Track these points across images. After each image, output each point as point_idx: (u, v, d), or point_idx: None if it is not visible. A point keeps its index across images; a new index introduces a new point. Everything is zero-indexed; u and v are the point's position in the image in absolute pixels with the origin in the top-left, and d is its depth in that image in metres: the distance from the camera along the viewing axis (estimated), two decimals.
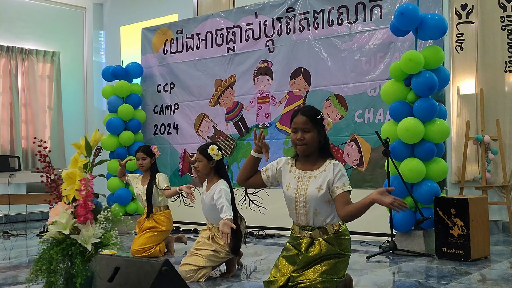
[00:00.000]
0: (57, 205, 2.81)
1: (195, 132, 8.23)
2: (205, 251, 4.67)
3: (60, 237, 2.75)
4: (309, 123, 3.39)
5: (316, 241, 3.40)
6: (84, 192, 2.68)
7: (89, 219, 2.74)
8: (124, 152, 8.22)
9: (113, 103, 8.36)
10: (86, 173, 2.75)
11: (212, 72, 8.09)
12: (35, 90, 10.14)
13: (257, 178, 3.64)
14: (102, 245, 2.77)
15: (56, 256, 2.70)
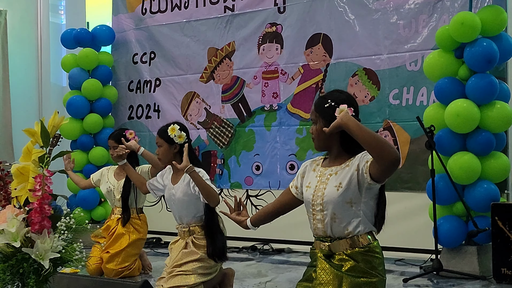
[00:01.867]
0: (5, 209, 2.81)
1: (182, 115, 8.24)
2: (189, 265, 4.73)
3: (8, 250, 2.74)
4: (314, 113, 3.45)
5: (336, 255, 3.40)
6: (40, 193, 2.68)
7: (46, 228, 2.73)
8: (89, 141, 8.24)
9: (75, 78, 8.37)
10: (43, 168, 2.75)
11: (205, 38, 8.09)
12: None
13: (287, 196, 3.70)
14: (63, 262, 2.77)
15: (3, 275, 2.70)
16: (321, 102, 3.44)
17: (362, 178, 3.29)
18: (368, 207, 3.37)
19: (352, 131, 3.16)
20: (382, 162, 3.13)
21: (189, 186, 4.76)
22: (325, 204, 3.38)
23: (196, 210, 4.78)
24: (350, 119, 3.18)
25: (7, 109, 10.41)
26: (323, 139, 3.43)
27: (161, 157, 4.87)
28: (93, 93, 8.28)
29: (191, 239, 4.81)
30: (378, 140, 3.12)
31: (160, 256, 7.12)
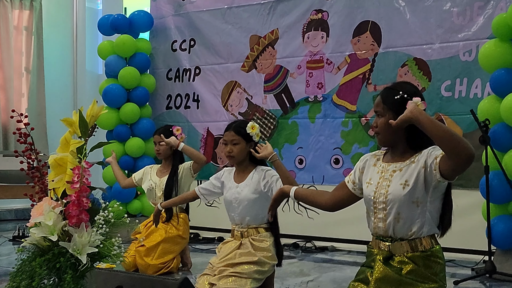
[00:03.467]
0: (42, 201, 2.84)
1: (222, 106, 8.26)
2: (245, 267, 4.68)
3: (45, 244, 2.78)
4: (381, 105, 3.37)
5: (396, 257, 3.37)
6: (78, 185, 2.71)
7: (83, 221, 2.76)
8: (126, 132, 8.30)
9: (112, 66, 8.43)
10: (81, 159, 2.78)
11: (247, 26, 8.09)
12: (9, 46, 10.27)
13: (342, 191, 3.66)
14: (101, 257, 2.80)
15: (39, 269, 2.73)
16: (390, 93, 3.37)
17: (430, 175, 3.25)
18: (434, 208, 3.32)
19: (424, 126, 3.10)
20: (456, 158, 3.08)
21: (259, 184, 4.74)
22: (388, 203, 3.34)
23: (262, 210, 4.75)
24: (421, 113, 3.12)
25: (41, 97, 10.54)
26: (389, 134, 3.37)
27: (236, 155, 4.82)
28: (130, 81, 8.33)
29: (248, 240, 4.79)
30: (452, 135, 3.07)
31: (198, 252, 7.16)
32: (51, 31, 10.81)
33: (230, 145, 4.82)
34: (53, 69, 10.80)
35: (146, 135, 8.35)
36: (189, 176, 6.16)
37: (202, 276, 4.82)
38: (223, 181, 4.98)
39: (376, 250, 3.45)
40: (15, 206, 10.32)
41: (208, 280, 4.73)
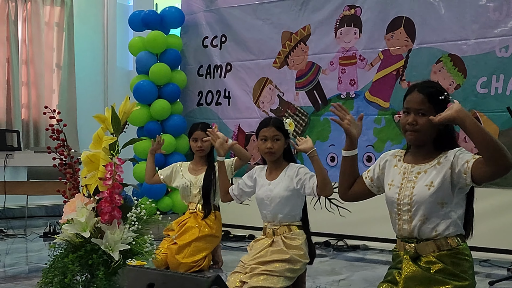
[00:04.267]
0: (74, 198, 2.87)
1: (254, 103, 8.27)
2: (277, 266, 4.68)
3: (77, 240, 2.80)
4: (427, 104, 3.34)
5: (423, 258, 3.36)
6: (111, 181, 2.73)
7: (116, 218, 2.78)
8: (157, 128, 8.34)
9: (143, 62, 8.47)
10: (113, 156, 2.80)
11: (278, 22, 8.08)
12: (40, 42, 10.37)
13: (359, 185, 3.67)
14: (133, 254, 2.82)
15: (71, 266, 2.76)
16: (435, 92, 3.36)
17: (458, 178, 3.24)
18: (459, 208, 3.33)
19: (469, 129, 3.08)
20: (494, 165, 3.07)
21: (292, 181, 4.75)
22: (414, 204, 3.34)
23: (294, 208, 4.77)
24: (467, 115, 3.10)
25: (72, 93, 10.65)
26: (429, 133, 3.36)
27: (276, 151, 4.82)
28: (161, 78, 8.37)
29: (280, 237, 4.79)
30: (496, 142, 3.06)
31: (228, 250, 7.18)
32: (82, 27, 10.91)
33: (270, 141, 4.80)
34: (84, 65, 10.89)
35: (177, 131, 8.39)
36: (229, 173, 6.15)
37: (233, 274, 4.84)
38: (255, 178, 4.99)
39: (402, 252, 3.45)
40: (45, 203, 10.43)
41: (239, 278, 4.74)
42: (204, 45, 8.76)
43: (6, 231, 8.40)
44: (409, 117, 3.38)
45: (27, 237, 8.16)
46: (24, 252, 7.38)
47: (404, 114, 3.42)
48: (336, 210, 7.12)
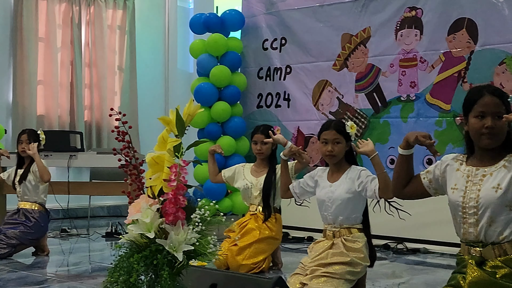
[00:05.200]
0: (139, 199, 2.92)
1: (313, 105, 8.25)
2: (337, 268, 4.67)
3: (142, 241, 2.85)
4: (502, 106, 3.32)
5: (488, 262, 3.32)
6: (175, 183, 2.77)
7: (180, 219, 2.82)
8: (217, 130, 8.39)
9: (204, 64, 8.53)
10: (178, 158, 2.83)
11: (338, 24, 8.05)
12: (103, 45, 10.54)
13: (416, 185, 3.64)
14: (196, 255, 2.86)
15: (137, 265, 2.81)
16: (505, 95, 3.33)
17: None
18: None
19: None
20: None
21: (353, 183, 4.75)
22: (480, 207, 3.30)
23: (355, 210, 4.76)
24: None
25: (133, 95, 10.80)
26: (503, 135, 3.34)
27: (337, 153, 4.84)
28: (222, 80, 8.41)
29: (340, 240, 4.79)
30: None
31: (288, 251, 7.18)
32: (144, 30, 11.05)
33: (331, 144, 4.81)
34: (145, 68, 11.03)
35: (237, 133, 8.42)
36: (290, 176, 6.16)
37: (293, 275, 4.84)
38: (316, 180, 5.00)
39: (466, 256, 3.40)
40: (107, 203, 10.60)
41: (299, 279, 4.74)
42: (264, 47, 8.78)
43: (70, 231, 8.55)
44: (485, 121, 3.31)
45: (90, 237, 8.29)
46: (87, 252, 7.50)
47: (477, 119, 3.36)
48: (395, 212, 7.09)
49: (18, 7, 9.79)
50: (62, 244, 7.86)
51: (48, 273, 6.17)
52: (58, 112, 10.14)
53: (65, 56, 10.25)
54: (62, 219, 9.26)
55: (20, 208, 6.88)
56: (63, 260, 6.99)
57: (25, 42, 9.83)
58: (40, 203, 6.92)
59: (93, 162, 8.68)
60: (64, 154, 8.32)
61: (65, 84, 10.23)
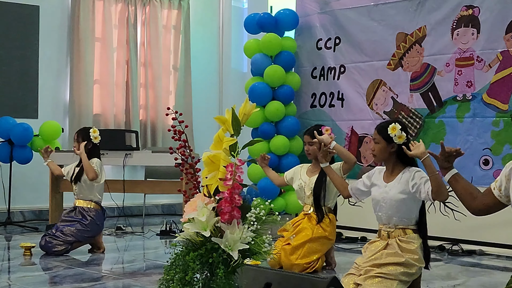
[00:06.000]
0: (195, 197, 2.93)
1: (367, 105, 8.20)
2: (391, 268, 4.65)
3: (198, 239, 2.87)
4: None
5: None
6: (231, 182, 2.78)
7: (235, 218, 2.83)
8: (271, 130, 8.39)
9: (258, 64, 8.54)
10: (234, 157, 2.84)
11: (393, 23, 7.99)
12: (158, 45, 10.64)
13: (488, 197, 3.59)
14: (251, 253, 2.86)
15: (192, 263, 2.82)
16: None
17: None
18: None
19: None
20: None
21: (407, 184, 4.73)
22: None
23: (409, 211, 4.74)
24: None
25: (188, 95, 10.88)
26: None
27: (377, 154, 4.88)
28: (276, 79, 8.41)
29: (395, 240, 4.76)
30: None
31: (341, 251, 7.15)
32: (198, 30, 11.12)
33: (373, 143, 4.92)
34: (200, 67, 11.10)
35: (291, 133, 8.41)
36: None
37: (347, 275, 4.83)
38: (373, 180, 4.99)
39: None
40: (162, 201, 10.69)
41: (353, 280, 4.73)
42: (318, 47, 8.75)
43: (125, 229, 8.64)
44: None
45: (144, 235, 8.37)
46: (142, 249, 7.58)
47: None
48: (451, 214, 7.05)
49: (76, 8, 9.94)
50: (117, 241, 7.95)
51: (104, 270, 6.25)
52: (113, 111, 10.26)
53: (121, 56, 10.37)
54: (118, 217, 9.37)
55: (76, 206, 6.97)
56: (118, 257, 7.07)
57: (82, 42, 9.98)
58: (96, 202, 6.99)
59: (148, 161, 8.77)
60: (120, 152, 8.42)
61: (121, 83, 10.35)
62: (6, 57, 9.56)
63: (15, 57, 9.63)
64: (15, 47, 9.64)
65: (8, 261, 6.71)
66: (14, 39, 9.63)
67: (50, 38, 9.93)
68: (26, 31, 9.74)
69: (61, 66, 10.06)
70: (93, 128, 7.06)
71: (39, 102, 9.80)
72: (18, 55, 9.66)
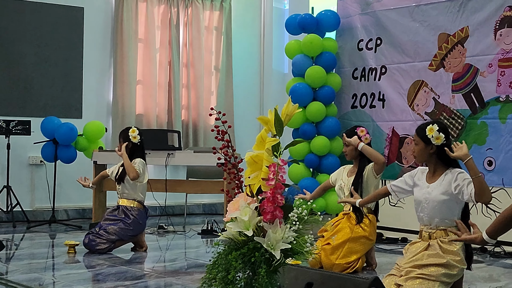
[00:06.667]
0: (238, 197, 2.95)
1: (408, 105, 8.16)
2: (432, 270, 4.62)
3: (240, 238, 2.88)
4: None
5: None
6: (274, 182, 2.78)
7: (277, 218, 2.84)
8: (312, 130, 8.39)
9: (299, 65, 8.55)
10: (276, 157, 2.85)
11: (435, 24, 7.94)
12: (200, 45, 10.70)
13: None
14: (293, 253, 2.87)
15: (235, 262, 2.84)
16: None
17: None
18: None
19: None
20: None
21: (450, 186, 4.70)
22: None
23: (451, 212, 4.71)
24: None
25: (229, 95, 10.93)
26: None
27: (416, 155, 4.88)
28: (317, 80, 8.41)
29: (436, 241, 4.74)
30: None
31: (381, 252, 7.12)
32: (240, 31, 11.16)
33: (414, 144, 4.90)
34: (241, 68, 11.14)
35: (331, 133, 8.41)
36: (373, 178, 6.16)
37: (388, 276, 4.81)
38: (415, 180, 4.96)
39: None
40: (203, 201, 10.75)
41: (394, 280, 4.71)
42: (359, 47, 8.73)
43: (167, 228, 8.70)
44: None
45: (186, 234, 8.42)
46: (183, 248, 7.63)
47: None
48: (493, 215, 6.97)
49: (119, 9, 10.04)
50: (159, 240, 8.02)
51: (146, 269, 6.31)
52: (156, 111, 10.34)
53: (163, 57, 10.45)
54: (160, 216, 9.44)
55: (119, 205, 7.04)
56: (160, 256, 7.13)
57: (125, 43, 10.07)
58: (139, 201, 7.05)
59: (190, 161, 8.82)
60: (162, 152, 8.49)
61: (163, 84, 10.43)
62: (51, 58, 9.70)
63: (59, 58, 9.77)
64: (60, 48, 9.78)
65: (53, 259, 6.80)
66: (59, 40, 9.77)
67: (94, 39, 10.05)
68: (71, 32, 9.87)
69: (105, 66, 10.17)
70: (132, 128, 7.12)
71: (83, 102, 9.93)
72: (63, 56, 9.80)
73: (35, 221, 9.13)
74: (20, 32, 9.47)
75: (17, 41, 9.47)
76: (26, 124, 8.97)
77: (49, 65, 9.68)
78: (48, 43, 9.68)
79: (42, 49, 9.65)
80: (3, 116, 9.08)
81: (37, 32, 9.61)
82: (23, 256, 6.78)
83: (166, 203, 8.74)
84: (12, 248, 7.42)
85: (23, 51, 9.52)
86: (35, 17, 9.60)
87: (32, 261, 6.45)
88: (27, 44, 9.54)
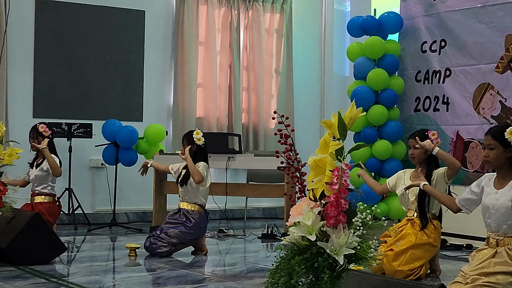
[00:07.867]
0: (301, 201, 2.95)
1: (474, 109, 8.04)
2: (499, 277, 4.54)
3: (303, 243, 2.89)
4: None
5: None
6: (337, 186, 2.78)
7: (341, 223, 2.83)
8: (373, 134, 8.34)
9: (361, 67, 8.50)
10: (340, 161, 2.85)
11: (502, 25, 7.81)
12: (260, 48, 10.73)
13: None
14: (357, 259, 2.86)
15: (298, 268, 2.84)
16: None
17: None
18: None
19: None
20: None
21: None
22: None
23: None
24: None
25: (290, 98, 10.94)
26: None
27: (491, 160, 4.73)
28: (379, 83, 8.35)
29: (504, 249, 4.65)
30: None
31: (445, 259, 7.02)
32: (300, 33, 11.16)
33: (487, 149, 4.72)
34: (301, 71, 11.13)
35: (393, 137, 8.34)
36: (443, 183, 6.06)
37: (453, 283, 4.74)
38: (483, 186, 4.85)
39: None
40: (263, 205, 10.77)
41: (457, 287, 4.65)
42: (423, 50, 8.64)
43: (227, 231, 8.73)
44: None
45: (246, 238, 8.44)
46: (243, 253, 7.65)
47: None
48: None
49: (180, 12, 10.13)
50: (219, 244, 8.06)
51: (206, 273, 6.35)
52: (216, 114, 10.40)
53: (224, 60, 10.50)
54: (220, 220, 9.48)
55: (180, 208, 7.08)
56: (220, 260, 7.17)
57: (186, 46, 10.16)
58: (200, 205, 7.09)
59: (251, 164, 8.85)
60: (223, 156, 8.54)
61: (224, 87, 10.48)
62: (112, 61, 9.84)
63: (121, 61, 9.90)
64: (121, 51, 9.91)
65: (113, 262, 6.90)
66: (120, 43, 9.90)
67: (155, 42, 10.16)
68: (132, 35, 9.99)
69: (165, 69, 10.27)
70: (196, 130, 7.16)
71: (143, 106, 10.04)
72: (124, 59, 9.92)
73: (96, 223, 9.26)
74: (82, 36, 9.63)
75: (79, 44, 9.63)
76: (88, 127, 9.12)
77: (110, 68, 9.81)
78: (109, 47, 9.82)
79: (103, 53, 9.79)
80: (65, 119, 9.23)
81: (98, 35, 9.76)
82: (84, 259, 6.90)
83: (226, 207, 8.77)
84: (74, 251, 7.54)
85: (84, 54, 9.67)
86: (97, 21, 9.74)
87: (93, 264, 6.56)
88: (88, 48, 9.69)
